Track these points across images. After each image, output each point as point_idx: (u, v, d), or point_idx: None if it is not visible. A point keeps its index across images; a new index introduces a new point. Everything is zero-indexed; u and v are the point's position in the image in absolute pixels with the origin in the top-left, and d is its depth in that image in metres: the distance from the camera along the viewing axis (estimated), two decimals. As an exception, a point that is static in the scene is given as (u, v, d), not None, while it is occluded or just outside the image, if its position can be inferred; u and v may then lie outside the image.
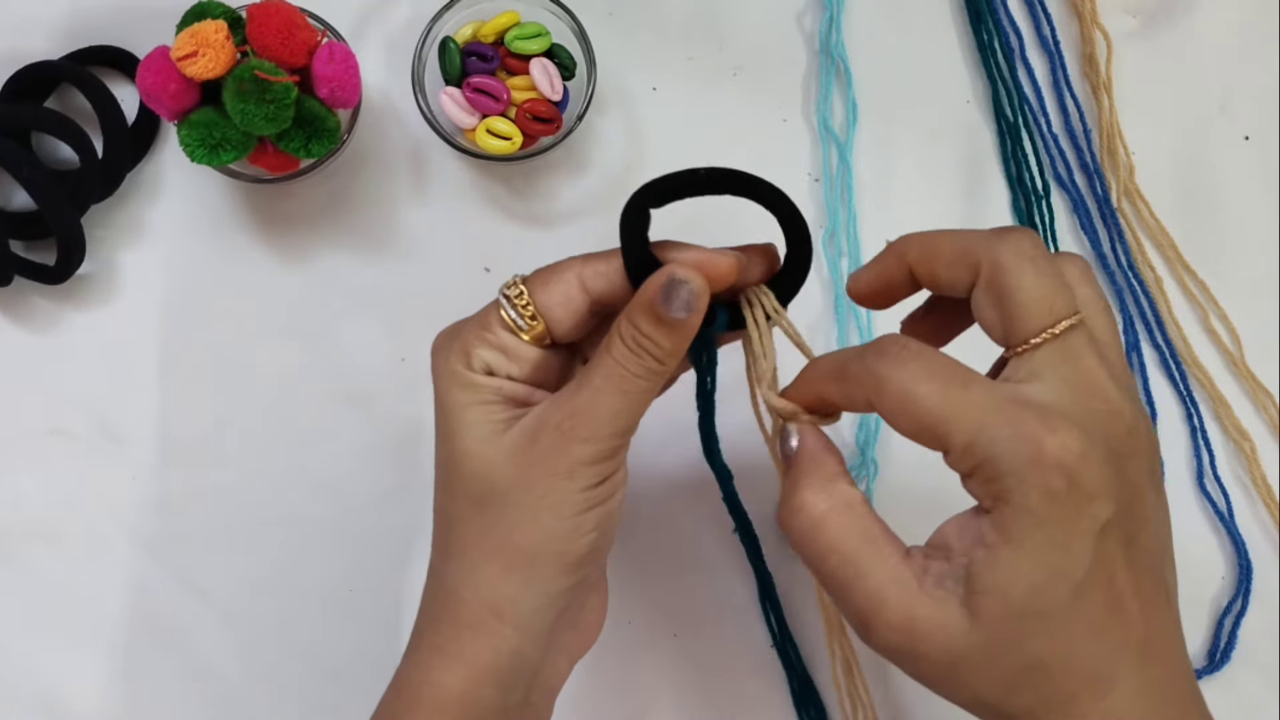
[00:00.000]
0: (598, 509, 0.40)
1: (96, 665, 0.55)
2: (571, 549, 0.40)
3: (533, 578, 0.40)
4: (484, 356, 0.40)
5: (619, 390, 0.39)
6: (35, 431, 0.57)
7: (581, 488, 0.39)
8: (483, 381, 0.40)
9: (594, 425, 0.39)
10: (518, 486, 0.39)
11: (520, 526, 0.39)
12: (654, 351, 0.39)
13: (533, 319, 0.40)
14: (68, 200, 0.54)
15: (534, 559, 0.39)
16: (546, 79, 0.55)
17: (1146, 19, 0.61)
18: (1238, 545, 0.57)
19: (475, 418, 0.40)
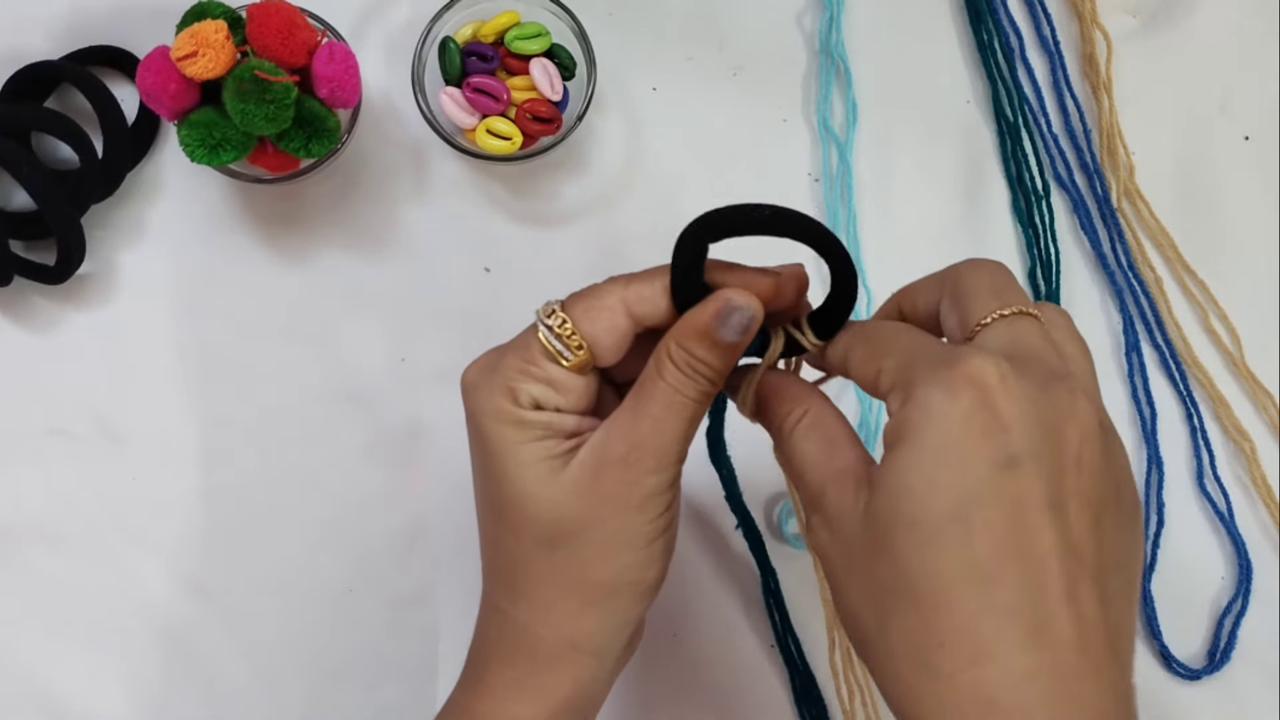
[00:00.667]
0: (665, 535, 0.40)
1: (96, 665, 0.55)
2: (646, 578, 0.40)
3: (611, 610, 0.40)
4: (531, 391, 0.39)
5: (680, 417, 0.38)
6: (35, 431, 0.57)
7: (651, 518, 0.39)
8: (532, 418, 0.39)
9: (660, 455, 0.38)
10: (590, 524, 0.38)
11: (596, 563, 0.39)
12: (708, 374, 0.38)
13: (579, 348, 0.39)
14: (68, 200, 0.54)
15: (612, 593, 0.40)
16: (546, 79, 0.55)
17: (1146, 19, 0.61)
18: (1238, 545, 0.57)
19: (531, 457, 0.39)
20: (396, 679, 0.55)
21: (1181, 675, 0.56)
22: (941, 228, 0.59)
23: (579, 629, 0.40)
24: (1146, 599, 0.56)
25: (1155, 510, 0.57)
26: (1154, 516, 0.57)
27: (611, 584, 0.39)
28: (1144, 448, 0.58)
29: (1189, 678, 0.56)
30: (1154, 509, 0.57)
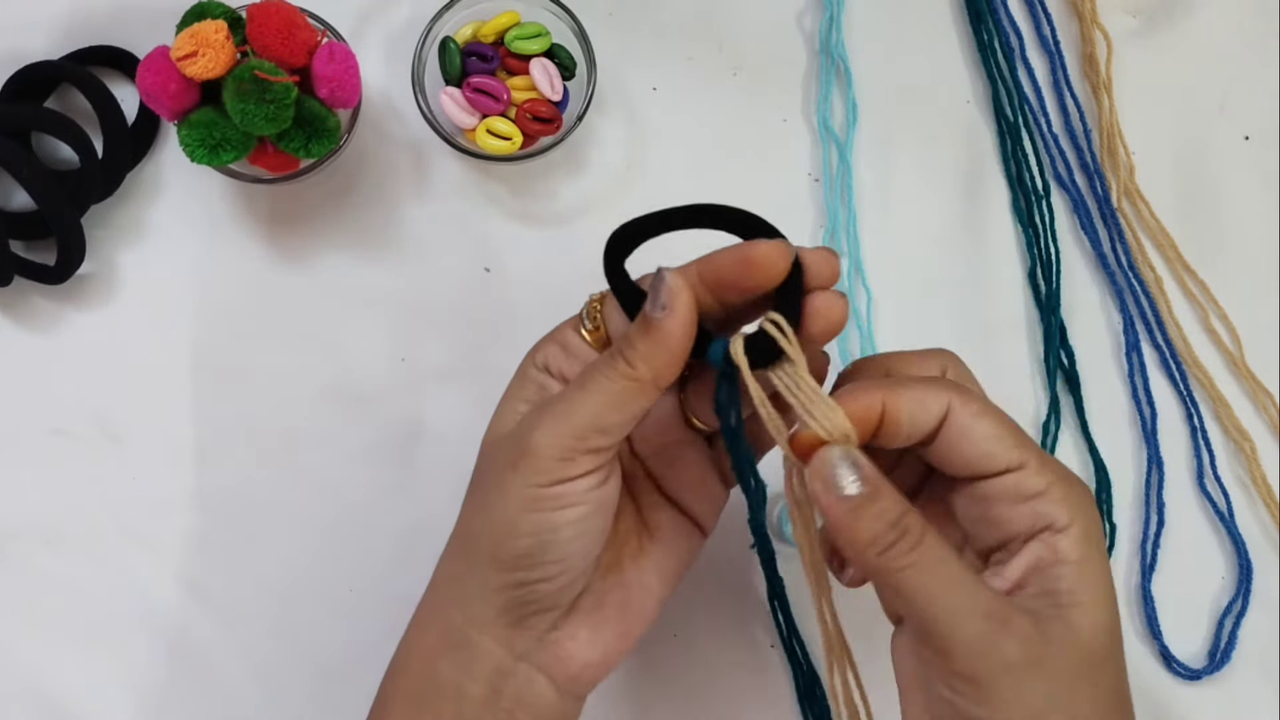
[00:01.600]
0: (539, 514, 0.38)
1: (97, 665, 0.55)
2: (505, 545, 0.39)
3: (474, 565, 0.40)
4: (546, 352, 0.42)
5: (583, 388, 0.38)
6: (35, 431, 0.57)
7: (527, 483, 0.38)
8: (532, 374, 0.42)
9: (551, 418, 0.38)
10: (486, 473, 0.40)
11: (475, 513, 0.41)
12: (627, 354, 0.38)
13: (596, 327, 0.41)
14: (68, 200, 0.54)
15: (472, 545, 0.40)
16: (546, 79, 0.55)
17: (1147, 19, 0.61)
18: (1238, 545, 0.57)
19: (505, 410, 0.42)
20: (396, 679, 0.55)
21: (1182, 675, 0.56)
22: (941, 228, 0.59)
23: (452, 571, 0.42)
24: (1147, 599, 0.56)
25: (1155, 510, 0.57)
26: (1154, 516, 0.57)
27: (473, 535, 0.40)
28: (1144, 448, 0.58)
29: (1189, 678, 0.56)
30: (1154, 509, 0.57)
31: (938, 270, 0.59)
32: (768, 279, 0.38)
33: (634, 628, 0.43)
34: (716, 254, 0.38)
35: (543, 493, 0.38)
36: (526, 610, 0.40)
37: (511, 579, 0.39)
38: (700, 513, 0.43)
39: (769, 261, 0.37)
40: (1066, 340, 0.58)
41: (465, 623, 0.40)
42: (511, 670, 0.41)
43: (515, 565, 0.39)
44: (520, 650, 0.41)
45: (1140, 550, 0.57)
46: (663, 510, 0.43)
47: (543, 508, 0.38)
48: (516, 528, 0.38)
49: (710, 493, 0.44)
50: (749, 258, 0.37)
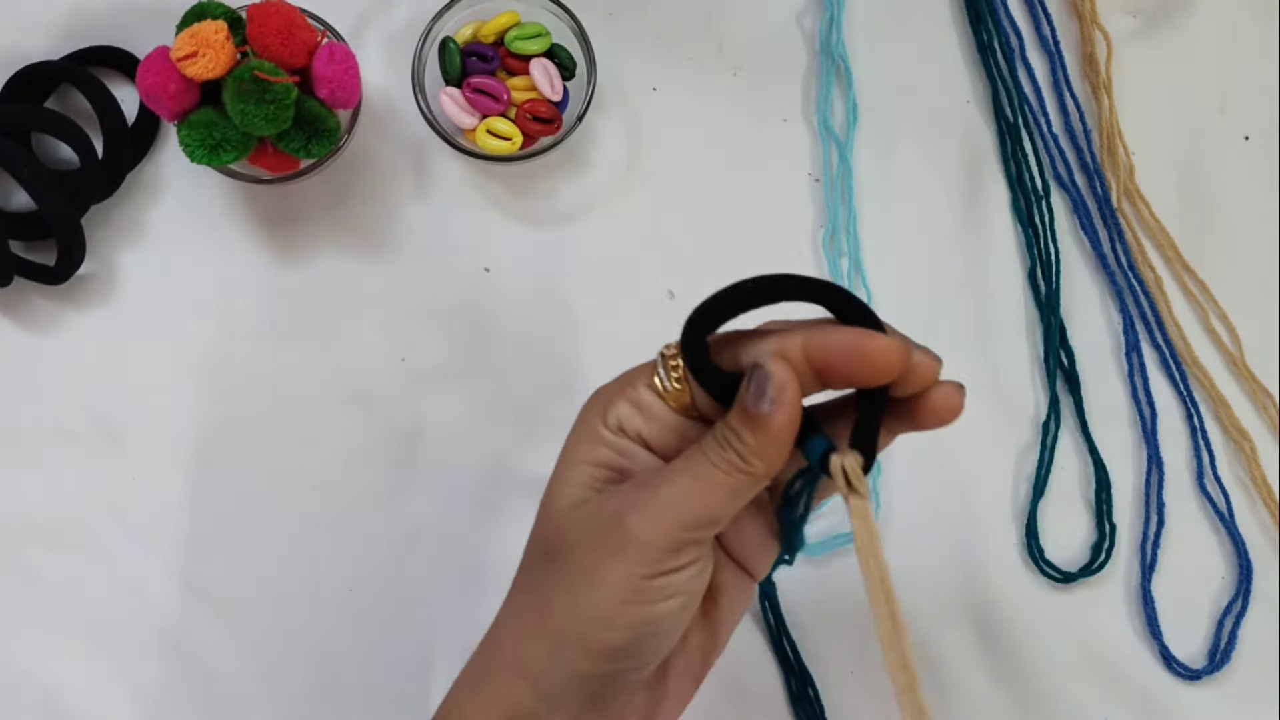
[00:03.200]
0: (640, 606, 0.36)
1: (96, 665, 0.55)
2: (600, 638, 0.36)
3: (558, 650, 0.37)
4: (620, 411, 0.38)
5: (693, 476, 0.36)
6: (35, 431, 0.57)
7: (630, 574, 0.36)
8: (607, 437, 0.38)
9: (659, 506, 0.36)
10: (574, 553, 0.37)
11: (560, 594, 0.37)
12: (738, 447, 0.35)
13: (679, 384, 0.37)
14: (68, 200, 0.54)
15: (560, 633, 0.37)
16: (546, 79, 0.55)
17: (1146, 19, 0.61)
18: (1238, 545, 0.57)
19: (577, 476, 0.38)
20: (396, 679, 0.55)
21: (1182, 675, 0.56)
22: (941, 228, 0.59)
23: (526, 653, 0.38)
24: (1147, 599, 0.56)
25: (1155, 510, 0.57)
26: (1154, 517, 0.57)
27: (563, 623, 0.37)
28: (1144, 448, 0.58)
29: (1189, 678, 0.56)
30: (1154, 509, 0.57)
31: (938, 270, 0.59)
32: (880, 377, 0.35)
33: (690, 690, 0.42)
34: (827, 335, 0.35)
35: (647, 585, 0.36)
36: (608, 693, 0.38)
37: (604, 669, 0.37)
38: (756, 566, 0.42)
39: (885, 360, 0.35)
40: (1066, 340, 0.58)
41: (538, 702, 0.38)
42: None
43: (609, 658, 0.37)
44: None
45: (1140, 550, 0.57)
46: (725, 570, 0.41)
47: (646, 600, 0.36)
48: (615, 620, 0.36)
49: (769, 549, 0.42)
50: (865, 353, 0.35)
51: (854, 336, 0.35)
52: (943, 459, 0.57)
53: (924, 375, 0.36)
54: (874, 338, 0.35)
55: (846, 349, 0.35)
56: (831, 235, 0.58)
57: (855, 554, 0.35)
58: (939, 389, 0.36)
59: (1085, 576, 0.56)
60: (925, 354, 0.36)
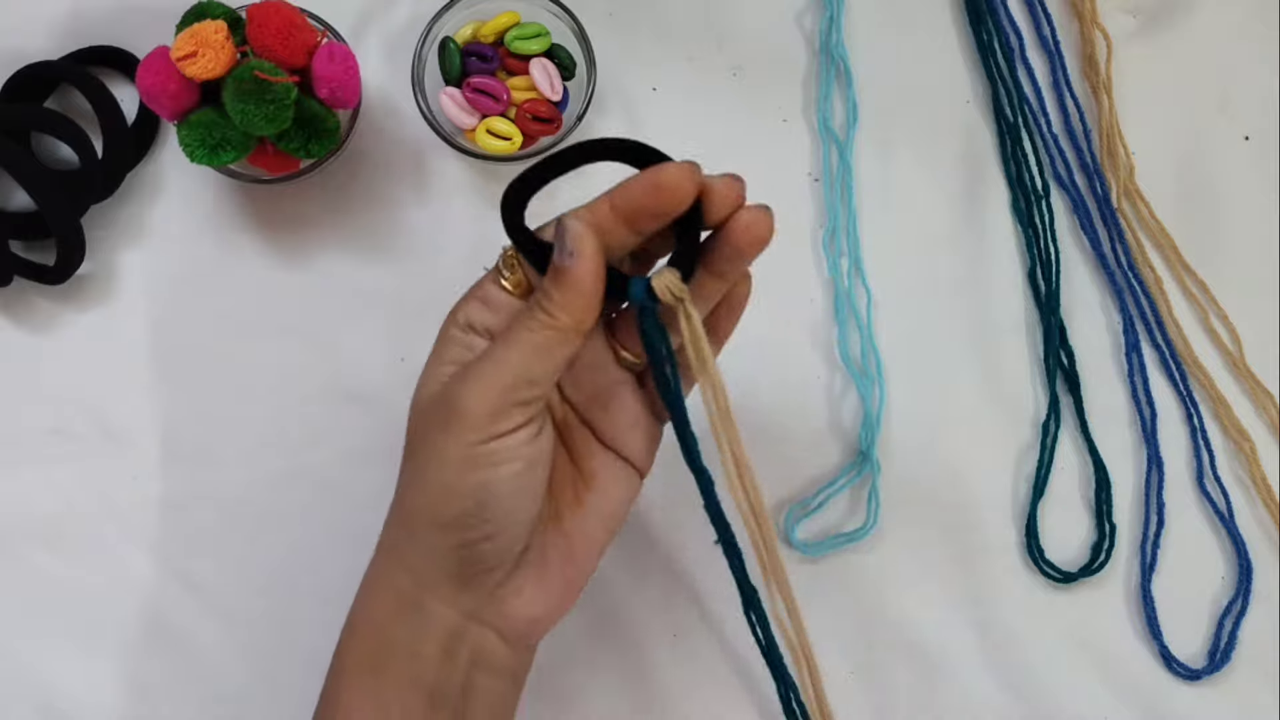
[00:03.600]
0: (475, 473, 0.38)
1: (96, 665, 0.55)
2: (442, 509, 0.39)
3: (415, 529, 0.40)
4: (468, 310, 0.41)
5: (508, 342, 0.39)
6: (35, 431, 0.57)
7: (460, 443, 0.38)
8: (458, 336, 0.41)
9: (478, 376, 0.38)
10: (419, 439, 0.40)
11: (410, 478, 0.40)
12: (545, 304, 0.38)
13: (513, 270, 0.41)
14: (68, 200, 0.54)
15: (414, 512, 0.40)
16: (546, 79, 0.55)
17: (1146, 19, 0.61)
18: (1238, 545, 0.57)
19: (430, 373, 0.41)
20: (396, 679, 0.55)
21: (1182, 675, 0.56)
22: (941, 228, 0.59)
23: (394, 536, 0.42)
24: (1147, 599, 0.56)
25: (1155, 510, 0.57)
26: (1154, 517, 0.57)
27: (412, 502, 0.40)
28: (1144, 448, 0.58)
29: (1189, 678, 0.56)
30: (1154, 509, 0.57)
31: (938, 270, 0.59)
32: (678, 201, 0.38)
33: (578, 577, 0.43)
34: (626, 184, 0.39)
35: (477, 451, 0.38)
36: (472, 570, 0.40)
37: (454, 540, 0.39)
38: (636, 454, 0.44)
39: (676, 184, 0.38)
40: (1066, 340, 0.58)
41: (414, 587, 0.41)
42: (463, 630, 0.41)
43: (456, 527, 0.39)
44: (469, 609, 0.41)
45: (1140, 550, 0.57)
46: (598, 456, 0.43)
47: (478, 466, 0.38)
48: (453, 489, 0.39)
49: (646, 431, 0.44)
50: (658, 183, 0.38)
51: (648, 173, 0.38)
52: (943, 459, 0.57)
53: (725, 194, 0.39)
54: (663, 168, 0.38)
55: (642, 185, 0.38)
56: (831, 235, 0.58)
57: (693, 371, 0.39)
58: (745, 211, 0.39)
59: (1085, 576, 0.56)
60: (725, 177, 0.39)
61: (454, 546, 0.40)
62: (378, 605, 0.42)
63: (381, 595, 0.42)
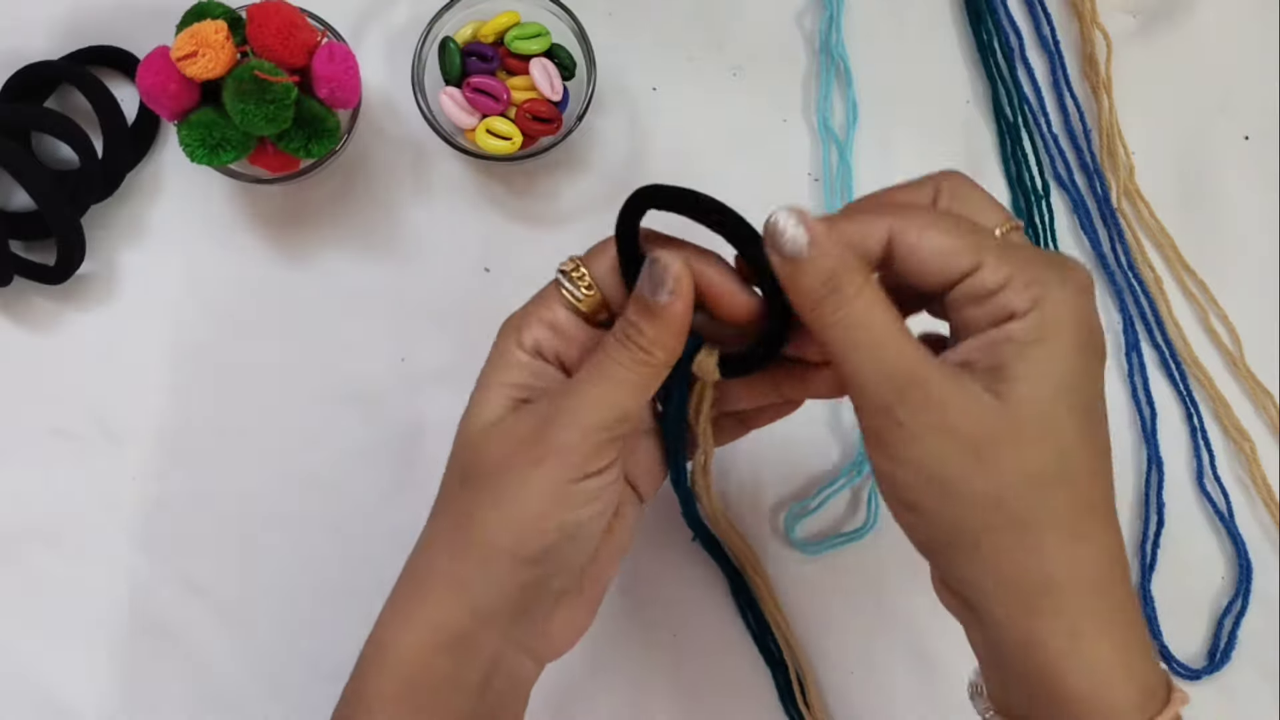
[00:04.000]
0: (566, 511, 0.38)
1: (96, 665, 0.55)
2: (528, 544, 0.39)
3: (488, 561, 0.39)
4: (534, 333, 0.40)
5: (602, 378, 0.38)
6: (35, 431, 0.57)
7: (555, 480, 0.38)
8: (523, 361, 0.40)
9: (573, 413, 0.38)
10: (497, 469, 0.39)
11: (486, 509, 0.39)
12: (638, 340, 0.38)
13: (589, 289, 0.40)
14: (68, 200, 0.54)
15: (491, 544, 0.39)
16: (546, 79, 0.55)
17: (1147, 19, 0.61)
18: (1238, 545, 0.57)
19: (493, 398, 0.40)
20: (396, 679, 0.55)
21: (1181, 675, 0.56)
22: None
23: (456, 570, 0.39)
24: (1146, 599, 0.56)
25: (1155, 510, 0.57)
26: (1154, 516, 0.57)
27: (492, 535, 0.39)
28: (1144, 448, 0.58)
29: (1189, 678, 0.56)
30: (1154, 509, 0.57)
31: (938, 270, 0.59)
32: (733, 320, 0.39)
33: (601, 595, 0.43)
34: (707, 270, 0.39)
35: (572, 490, 0.38)
36: (534, 602, 0.40)
37: (531, 575, 0.39)
38: (647, 489, 0.44)
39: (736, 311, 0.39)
40: (1066, 340, 0.58)
41: (472, 619, 0.40)
42: (503, 656, 0.41)
43: (538, 562, 0.39)
44: (517, 638, 0.41)
45: (1140, 550, 0.57)
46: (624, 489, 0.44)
47: (571, 505, 0.38)
48: (542, 525, 0.38)
49: (658, 474, 0.45)
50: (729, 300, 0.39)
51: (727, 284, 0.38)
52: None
53: None
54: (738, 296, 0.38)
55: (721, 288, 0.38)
56: (831, 235, 0.58)
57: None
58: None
59: (1085, 576, 0.56)
60: None
61: (528, 581, 0.39)
62: (418, 637, 0.40)
63: (423, 627, 0.40)
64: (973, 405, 0.36)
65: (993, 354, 0.36)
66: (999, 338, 0.36)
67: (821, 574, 0.56)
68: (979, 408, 0.36)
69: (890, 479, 0.37)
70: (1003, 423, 0.35)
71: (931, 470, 0.36)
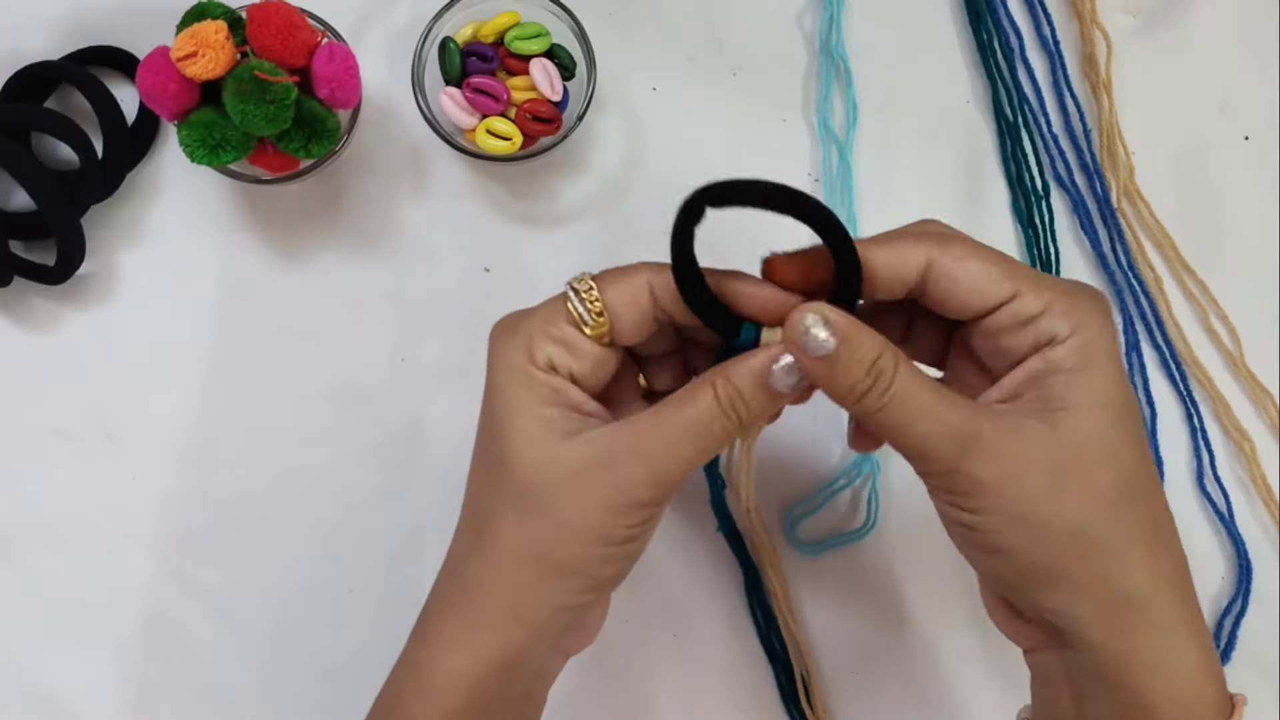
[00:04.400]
0: (636, 542, 0.40)
1: (97, 665, 0.55)
2: (602, 573, 0.40)
3: (557, 591, 0.40)
4: (548, 351, 0.39)
5: (697, 446, 0.38)
6: (36, 431, 0.57)
7: (628, 525, 0.39)
8: (543, 378, 0.39)
9: (661, 475, 0.38)
10: (572, 508, 0.39)
11: (559, 544, 0.39)
12: (744, 416, 0.38)
13: (599, 315, 0.39)
14: (68, 200, 0.54)
15: (563, 575, 0.39)
16: (546, 79, 0.55)
17: (1146, 19, 0.61)
18: (1238, 545, 0.57)
19: (532, 420, 0.39)
20: (396, 679, 0.55)
21: (1181, 675, 0.56)
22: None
23: (523, 599, 0.40)
24: (1146, 599, 0.56)
25: (1155, 510, 0.57)
26: (1154, 516, 0.57)
27: (565, 568, 0.39)
28: (1144, 448, 0.58)
29: (1189, 678, 0.56)
30: (1154, 509, 0.57)
31: (938, 270, 0.59)
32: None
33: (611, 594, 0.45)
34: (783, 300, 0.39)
35: (643, 528, 0.39)
36: (582, 617, 0.42)
37: (595, 595, 0.41)
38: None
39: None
40: (1066, 340, 0.58)
41: (530, 632, 0.40)
42: (546, 664, 0.43)
43: (606, 586, 0.41)
44: (561, 645, 0.43)
45: (1140, 550, 0.57)
46: None
47: (642, 534, 0.40)
48: (615, 556, 0.40)
49: None
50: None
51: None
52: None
53: None
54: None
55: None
56: (831, 235, 0.58)
57: None
58: None
59: (1085, 576, 0.56)
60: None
61: (592, 600, 0.41)
62: (471, 664, 0.40)
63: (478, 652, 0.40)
64: (1037, 444, 0.37)
65: (1040, 385, 0.37)
66: (1044, 369, 0.38)
67: (822, 574, 0.56)
68: (1043, 445, 0.37)
69: (969, 529, 0.38)
70: (1068, 454, 0.37)
71: (1011, 513, 0.37)
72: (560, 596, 0.40)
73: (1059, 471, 0.37)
